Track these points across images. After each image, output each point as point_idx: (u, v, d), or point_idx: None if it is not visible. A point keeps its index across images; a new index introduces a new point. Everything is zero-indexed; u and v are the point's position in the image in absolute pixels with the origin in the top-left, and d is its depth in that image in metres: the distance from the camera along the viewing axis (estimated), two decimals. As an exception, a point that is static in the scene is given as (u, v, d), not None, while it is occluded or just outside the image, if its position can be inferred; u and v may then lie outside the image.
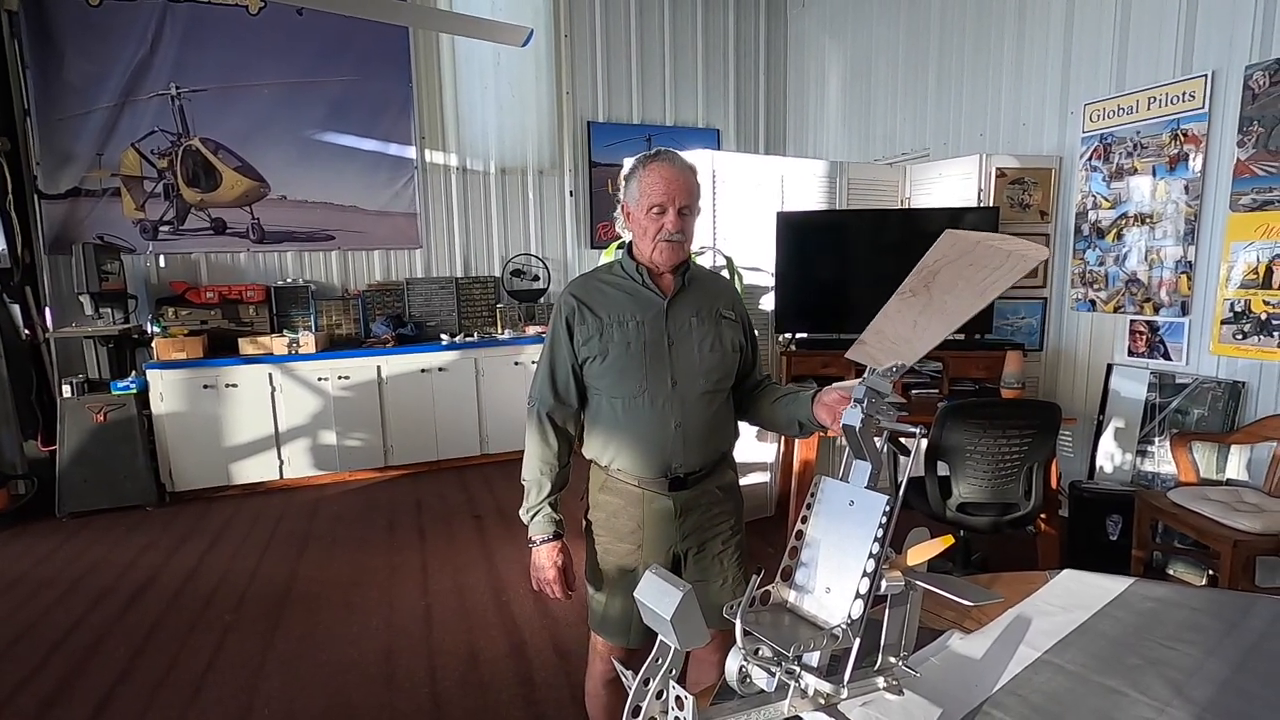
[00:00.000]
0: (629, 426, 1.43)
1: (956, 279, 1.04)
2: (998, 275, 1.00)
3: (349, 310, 4.86)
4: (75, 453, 3.94)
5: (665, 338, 1.43)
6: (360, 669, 2.41)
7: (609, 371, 1.42)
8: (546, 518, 1.48)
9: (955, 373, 3.24)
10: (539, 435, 1.48)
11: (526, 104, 5.34)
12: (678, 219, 1.38)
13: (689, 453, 1.43)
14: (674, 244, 1.39)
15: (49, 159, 4.28)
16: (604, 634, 1.53)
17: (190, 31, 4.43)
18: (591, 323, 1.43)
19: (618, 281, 1.47)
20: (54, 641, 2.63)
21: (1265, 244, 2.69)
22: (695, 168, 1.43)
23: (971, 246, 1.06)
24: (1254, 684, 1.04)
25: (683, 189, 1.38)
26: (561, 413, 1.48)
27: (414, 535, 3.65)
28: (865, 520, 0.93)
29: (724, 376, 1.48)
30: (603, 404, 1.45)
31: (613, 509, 1.48)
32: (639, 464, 1.43)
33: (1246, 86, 2.71)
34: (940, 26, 4.25)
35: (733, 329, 1.50)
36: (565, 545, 1.50)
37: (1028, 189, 3.55)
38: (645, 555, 1.46)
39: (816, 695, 0.92)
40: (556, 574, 1.48)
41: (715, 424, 1.47)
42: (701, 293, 1.49)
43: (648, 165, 1.39)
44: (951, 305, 1.02)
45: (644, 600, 0.83)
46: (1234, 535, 2.33)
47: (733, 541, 1.53)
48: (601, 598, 1.52)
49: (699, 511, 1.47)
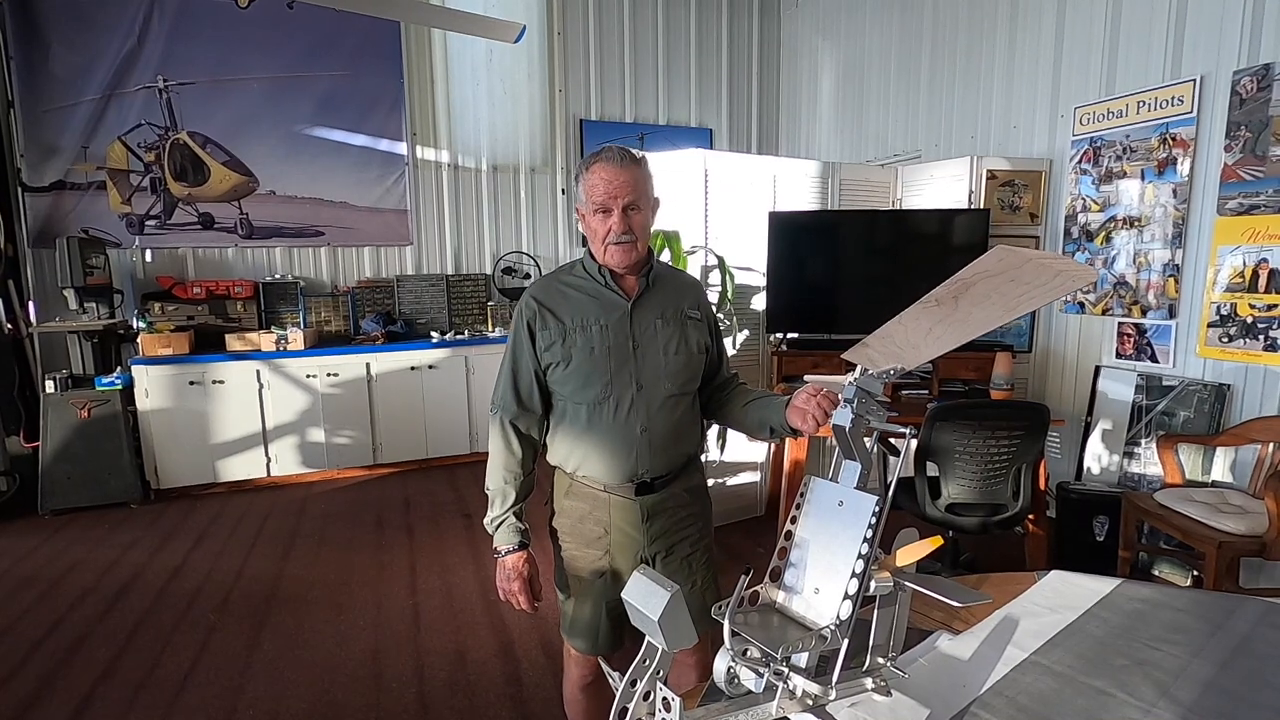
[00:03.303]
0: (594, 432, 1.39)
1: (991, 293, 1.01)
2: (1038, 293, 0.98)
3: (338, 307, 4.82)
4: (58, 449, 3.89)
5: (630, 341, 1.39)
6: (347, 669, 2.39)
7: (572, 377, 1.38)
8: (511, 528, 1.44)
9: (945, 374, 3.25)
10: (503, 443, 1.44)
11: (519, 101, 5.32)
12: (623, 218, 1.32)
13: (655, 457, 1.40)
14: (624, 245, 1.34)
15: (33, 151, 4.23)
16: (571, 640, 1.50)
17: (179, 24, 4.38)
18: (554, 327, 1.38)
19: (580, 283, 1.42)
20: (34, 641, 2.60)
21: (1251, 248, 2.72)
22: (642, 159, 1.36)
23: (1020, 263, 1.04)
24: (1239, 684, 1.05)
25: (625, 186, 1.31)
26: (525, 419, 1.44)
27: (402, 534, 3.63)
28: (854, 521, 0.93)
29: (690, 379, 1.45)
30: (567, 409, 1.42)
31: (578, 514, 1.45)
32: (605, 470, 1.40)
33: (1234, 92, 2.73)
34: (932, 29, 4.27)
35: (698, 329, 1.46)
36: (531, 555, 1.46)
37: (1018, 191, 3.57)
38: (613, 560, 1.43)
39: (804, 696, 0.91)
40: (522, 584, 1.43)
41: (682, 427, 1.44)
42: (666, 293, 1.45)
43: (590, 166, 1.34)
44: (976, 317, 1.00)
45: (631, 600, 0.83)
46: (1219, 536, 2.35)
47: (701, 544, 1.49)
48: (570, 604, 1.49)
49: (666, 515, 1.44)
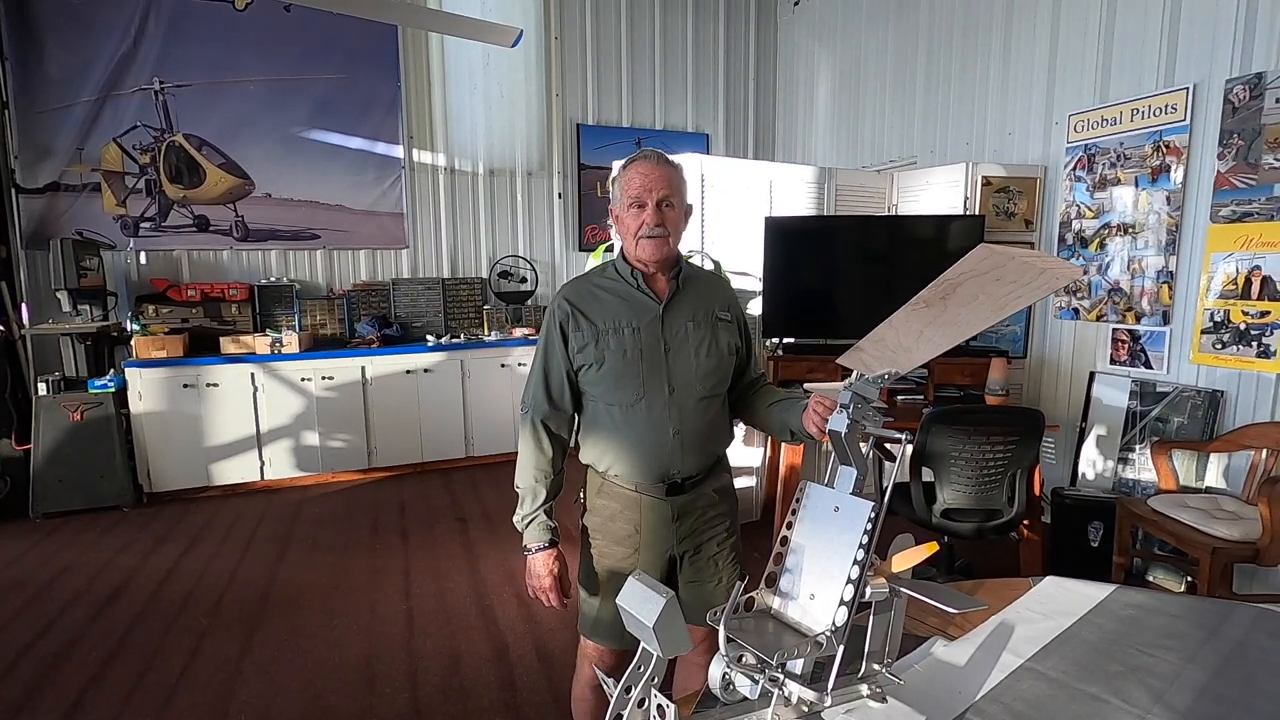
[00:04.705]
0: (626, 433, 1.42)
1: (978, 292, 1.02)
2: (1024, 291, 0.99)
3: (334, 310, 4.81)
4: (50, 452, 3.87)
5: (662, 344, 1.41)
6: (340, 674, 2.38)
7: (605, 379, 1.41)
8: (542, 525, 1.46)
9: (940, 379, 3.26)
10: (534, 442, 1.46)
11: (516, 105, 5.32)
12: (656, 212, 1.36)
13: (687, 458, 1.42)
14: (656, 239, 1.37)
15: (27, 152, 4.21)
16: (597, 638, 1.51)
17: (175, 25, 4.37)
18: (586, 329, 1.41)
19: (612, 285, 1.45)
20: (23, 645, 2.57)
21: (1244, 255, 2.73)
22: (679, 165, 1.42)
23: (1004, 262, 1.05)
24: (1233, 691, 1.05)
25: (660, 181, 1.36)
26: (556, 419, 1.46)
27: (397, 538, 3.61)
28: (850, 526, 0.93)
29: (721, 381, 1.47)
30: (599, 410, 1.44)
31: (609, 513, 1.47)
32: (637, 470, 1.42)
33: (1227, 100, 2.75)
34: (928, 36, 4.29)
35: (729, 331, 1.48)
36: (561, 553, 1.49)
37: (1013, 198, 3.59)
38: (642, 558, 1.45)
39: (800, 703, 0.91)
40: (552, 582, 1.46)
41: (713, 429, 1.47)
42: (697, 295, 1.47)
43: (627, 165, 1.40)
44: (965, 318, 1.01)
45: (626, 607, 0.83)
46: (1212, 542, 2.35)
47: (728, 543, 1.52)
48: (595, 602, 1.51)
49: (696, 515, 1.47)
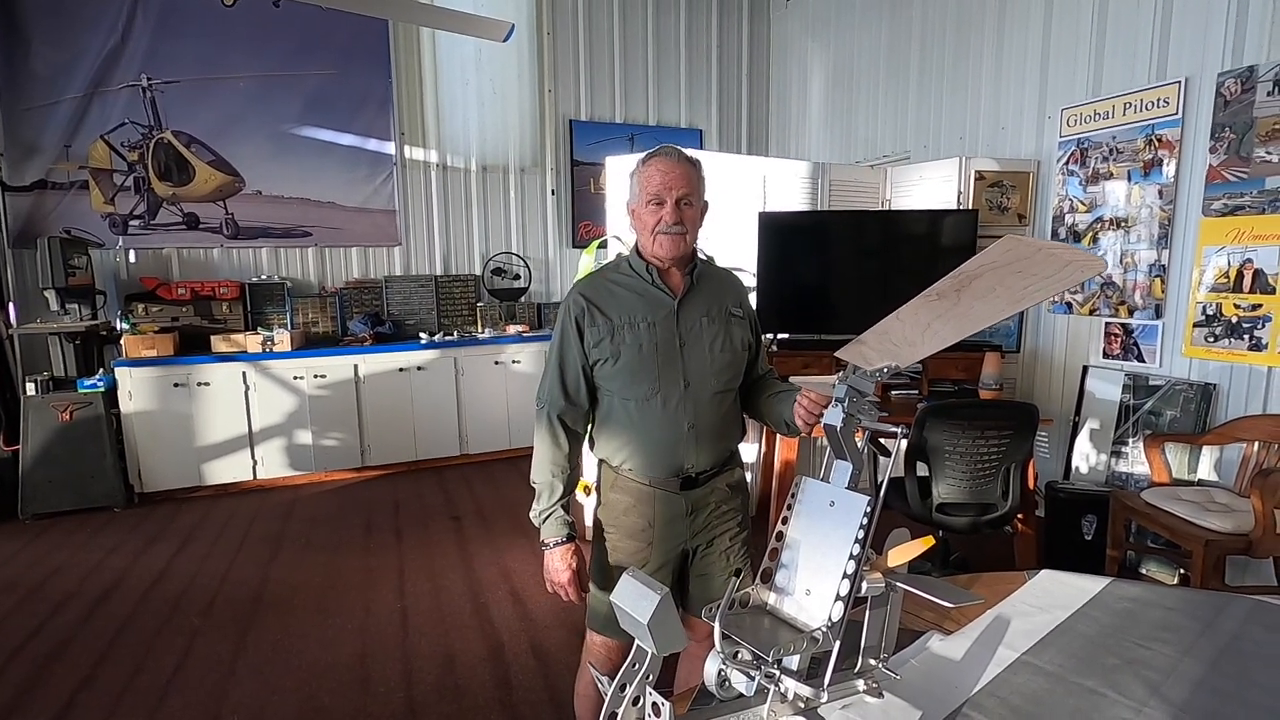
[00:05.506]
0: (642, 428, 1.42)
1: (996, 285, 1.00)
2: (1045, 285, 0.97)
3: (326, 308, 4.77)
4: (39, 452, 3.83)
5: (677, 339, 1.42)
6: (333, 674, 2.36)
7: (621, 373, 1.41)
8: (559, 520, 1.47)
9: (934, 374, 3.26)
10: (550, 437, 1.46)
11: (508, 101, 5.30)
12: (675, 210, 1.37)
13: (701, 452, 1.43)
14: (673, 236, 1.38)
15: (13, 150, 4.16)
16: (609, 632, 1.51)
17: (163, 21, 4.32)
18: (602, 324, 1.42)
19: (627, 281, 1.46)
20: (13, 648, 2.55)
21: (1236, 248, 2.74)
22: (698, 162, 1.42)
23: (1030, 253, 1.03)
24: (1228, 683, 1.05)
25: (680, 179, 1.37)
26: (572, 414, 1.47)
27: (391, 537, 3.60)
28: (846, 521, 0.92)
29: (734, 375, 1.49)
30: (614, 404, 1.45)
31: (623, 507, 1.48)
32: (651, 465, 1.43)
33: (1219, 93, 2.76)
34: (921, 31, 4.29)
35: (741, 326, 1.50)
36: (578, 547, 1.49)
37: (1006, 192, 3.59)
38: (655, 552, 1.46)
39: (796, 699, 0.91)
40: (571, 576, 1.47)
41: (727, 423, 1.48)
42: (710, 291, 1.49)
43: (646, 161, 1.41)
44: (978, 311, 0.99)
45: (621, 604, 0.82)
46: (1205, 535, 2.36)
47: (740, 537, 1.53)
48: (606, 596, 1.51)
49: (709, 509, 1.48)
